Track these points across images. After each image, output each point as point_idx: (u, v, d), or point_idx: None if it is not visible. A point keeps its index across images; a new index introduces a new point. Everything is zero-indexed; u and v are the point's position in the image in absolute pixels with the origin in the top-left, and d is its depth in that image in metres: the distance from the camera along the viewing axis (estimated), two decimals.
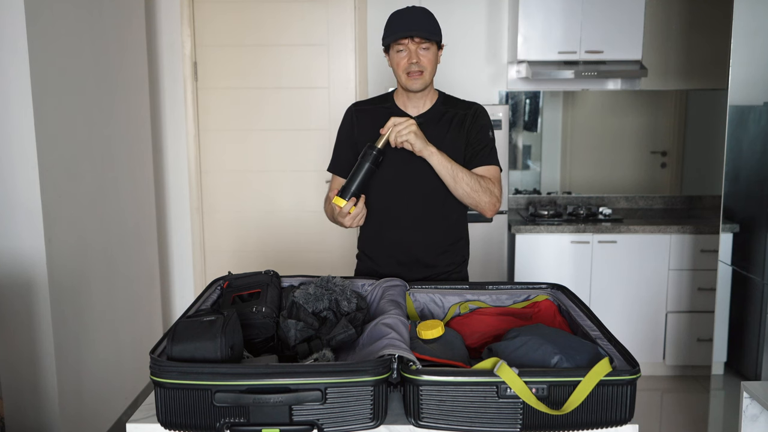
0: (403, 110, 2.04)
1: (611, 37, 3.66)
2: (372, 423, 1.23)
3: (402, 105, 2.05)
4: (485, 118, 2.07)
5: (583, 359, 1.29)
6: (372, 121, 2.03)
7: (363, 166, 1.80)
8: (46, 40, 2.53)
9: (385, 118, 1.93)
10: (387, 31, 1.94)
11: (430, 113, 2.03)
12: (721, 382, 3.06)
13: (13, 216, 2.47)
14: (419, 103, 2.03)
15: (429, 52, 1.92)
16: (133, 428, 1.30)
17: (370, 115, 2.06)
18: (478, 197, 1.92)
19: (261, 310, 1.51)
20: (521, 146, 4.21)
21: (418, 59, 1.91)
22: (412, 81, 1.94)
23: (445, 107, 2.05)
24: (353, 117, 2.09)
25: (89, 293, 2.87)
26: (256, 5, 3.88)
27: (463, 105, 2.08)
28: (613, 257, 3.63)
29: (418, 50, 1.91)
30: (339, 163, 2.11)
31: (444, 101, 2.07)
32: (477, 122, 2.04)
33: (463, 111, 2.05)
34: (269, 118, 3.98)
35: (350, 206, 1.81)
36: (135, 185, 3.40)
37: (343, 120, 2.13)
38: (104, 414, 3.02)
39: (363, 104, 2.13)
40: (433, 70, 1.96)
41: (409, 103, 2.04)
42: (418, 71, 1.92)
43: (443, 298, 1.75)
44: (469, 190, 1.91)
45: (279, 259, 4.03)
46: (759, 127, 2.79)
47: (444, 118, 2.02)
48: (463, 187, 1.90)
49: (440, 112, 2.03)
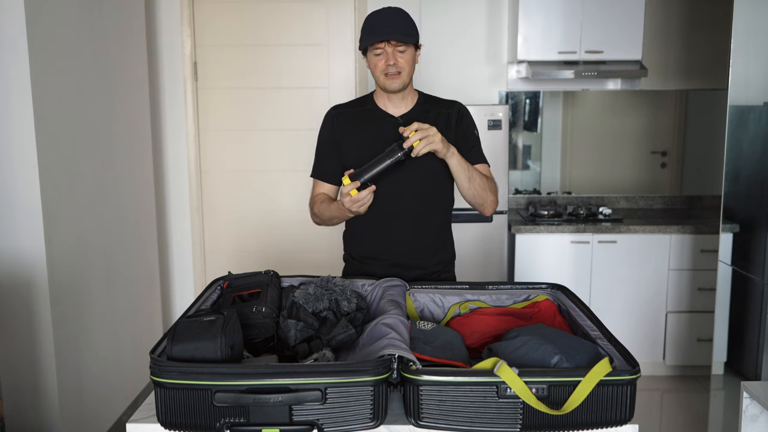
0: (384, 110, 2.03)
1: (611, 37, 3.66)
2: (372, 423, 1.23)
3: (383, 106, 2.04)
4: (469, 116, 2.09)
5: (583, 359, 1.29)
6: (353, 124, 2.03)
7: (385, 161, 1.79)
8: (46, 40, 2.53)
9: (366, 120, 1.96)
10: (364, 34, 1.93)
11: (412, 113, 2.02)
12: (721, 382, 3.06)
13: (13, 216, 2.47)
14: (400, 103, 2.03)
15: (406, 54, 1.92)
16: (133, 428, 1.30)
17: (352, 118, 2.05)
18: (486, 195, 1.97)
19: (261, 310, 1.51)
20: (521, 146, 4.21)
21: (396, 61, 1.91)
22: (391, 81, 1.94)
23: (427, 107, 2.05)
24: (334, 120, 2.07)
25: (89, 293, 2.87)
26: (256, 5, 3.88)
27: (445, 104, 2.07)
28: (613, 257, 3.63)
29: (395, 52, 1.91)
30: (322, 168, 2.10)
31: (425, 101, 2.07)
32: (463, 121, 2.05)
33: (446, 110, 2.05)
34: (269, 118, 3.97)
35: (353, 188, 1.78)
36: (135, 185, 3.40)
37: (323, 124, 2.10)
38: (104, 414, 3.02)
39: (343, 107, 2.11)
40: (410, 70, 1.96)
41: (390, 104, 2.03)
42: (395, 72, 1.92)
43: (443, 298, 1.75)
44: (480, 190, 1.95)
45: (279, 259, 4.02)
46: (759, 127, 2.79)
47: (428, 117, 2.01)
48: (475, 186, 1.94)
49: (422, 112, 2.03)
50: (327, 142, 2.08)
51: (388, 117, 2.02)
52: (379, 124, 2.02)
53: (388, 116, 2.02)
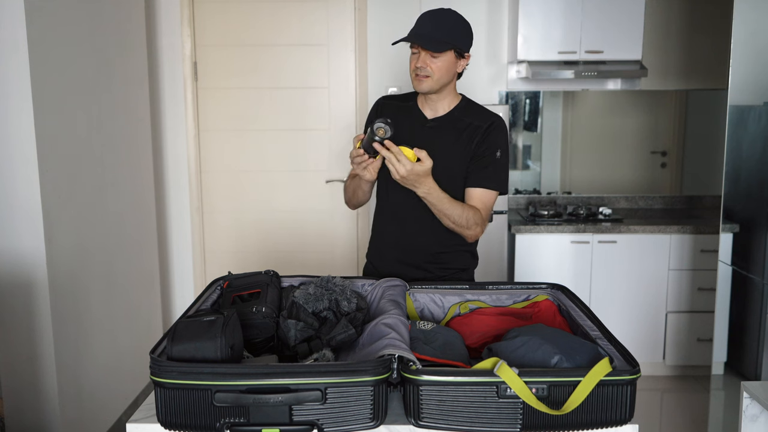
0: (421, 110, 2.05)
1: (611, 37, 3.66)
2: (372, 423, 1.23)
3: (421, 105, 2.06)
4: (500, 135, 2.00)
5: (583, 359, 1.29)
6: (391, 116, 2.03)
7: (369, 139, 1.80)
8: (46, 40, 2.53)
9: (402, 115, 1.99)
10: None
11: (445, 118, 2.02)
12: (721, 382, 3.06)
13: (13, 216, 2.47)
14: (436, 106, 2.03)
15: (439, 60, 1.91)
16: (133, 428, 1.30)
17: (393, 110, 2.07)
18: (463, 231, 1.95)
19: (261, 310, 1.51)
20: (521, 146, 4.21)
21: (426, 64, 1.91)
22: (418, 82, 1.95)
23: (462, 114, 2.02)
24: (379, 109, 2.12)
25: (89, 293, 2.87)
26: (256, 5, 3.88)
27: (482, 116, 2.02)
28: (613, 257, 3.63)
29: (427, 56, 1.91)
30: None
31: (464, 108, 2.04)
32: (489, 138, 1.98)
33: (479, 122, 1.99)
34: (269, 119, 3.97)
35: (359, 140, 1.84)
36: (135, 185, 3.40)
37: (371, 110, 2.15)
38: (104, 414, 3.02)
39: (390, 99, 2.14)
40: (442, 76, 1.93)
41: (426, 105, 2.04)
42: (424, 75, 1.92)
43: (443, 298, 1.76)
44: (453, 226, 1.93)
45: (279, 259, 4.02)
46: (759, 127, 2.78)
47: (458, 126, 2.00)
48: (447, 222, 1.92)
49: (455, 119, 2.01)
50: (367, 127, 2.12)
51: (421, 117, 2.03)
52: (411, 122, 2.03)
53: (422, 116, 2.03)
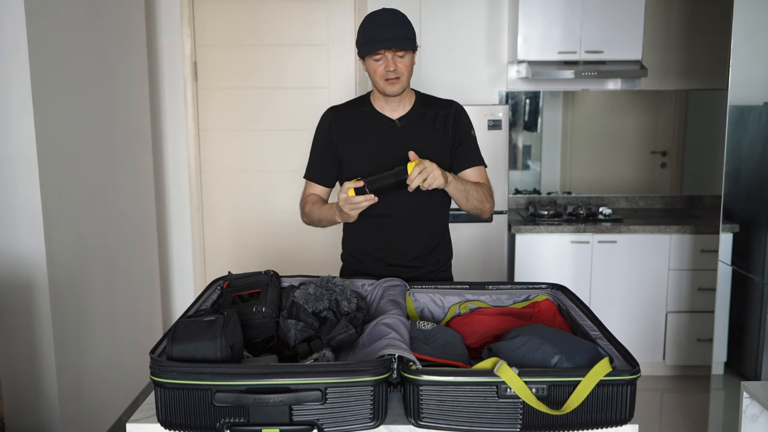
0: (381, 113, 2.02)
1: (611, 37, 3.66)
2: (372, 423, 1.23)
3: (380, 108, 2.03)
4: (466, 116, 2.08)
5: (583, 359, 1.29)
6: (351, 127, 2.03)
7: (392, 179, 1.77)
8: (46, 40, 2.53)
9: (364, 123, 1.96)
10: (362, 39, 1.91)
11: (410, 115, 2.02)
12: (721, 382, 3.06)
13: (13, 216, 2.47)
14: (397, 105, 2.02)
15: (405, 59, 1.91)
16: (133, 428, 1.30)
17: (349, 120, 2.04)
18: (483, 206, 1.99)
19: (261, 310, 1.51)
20: (521, 146, 4.21)
21: (395, 66, 1.90)
22: (390, 86, 1.93)
23: (424, 107, 2.04)
24: (331, 122, 2.05)
25: (89, 293, 2.87)
26: (256, 5, 3.88)
27: (442, 104, 2.06)
28: (613, 257, 3.63)
29: (395, 58, 1.90)
30: (315, 170, 2.09)
31: (422, 101, 2.06)
32: (461, 122, 2.04)
33: (444, 111, 2.04)
34: (269, 119, 3.97)
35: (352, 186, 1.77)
36: (135, 185, 3.40)
37: (319, 125, 2.09)
38: (104, 414, 3.02)
39: (340, 109, 2.10)
40: (409, 74, 1.95)
41: (387, 106, 2.02)
42: (395, 77, 1.91)
43: (443, 298, 1.75)
44: (477, 203, 1.96)
45: (279, 259, 4.02)
46: (759, 127, 2.78)
47: (425, 118, 2.01)
48: (473, 201, 1.95)
49: (420, 113, 2.03)
50: (322, 144, 2.07)
51: (386, 119, 2.02)
52: (377, 127, 2.01)
53: (386, 119, 2.02)
